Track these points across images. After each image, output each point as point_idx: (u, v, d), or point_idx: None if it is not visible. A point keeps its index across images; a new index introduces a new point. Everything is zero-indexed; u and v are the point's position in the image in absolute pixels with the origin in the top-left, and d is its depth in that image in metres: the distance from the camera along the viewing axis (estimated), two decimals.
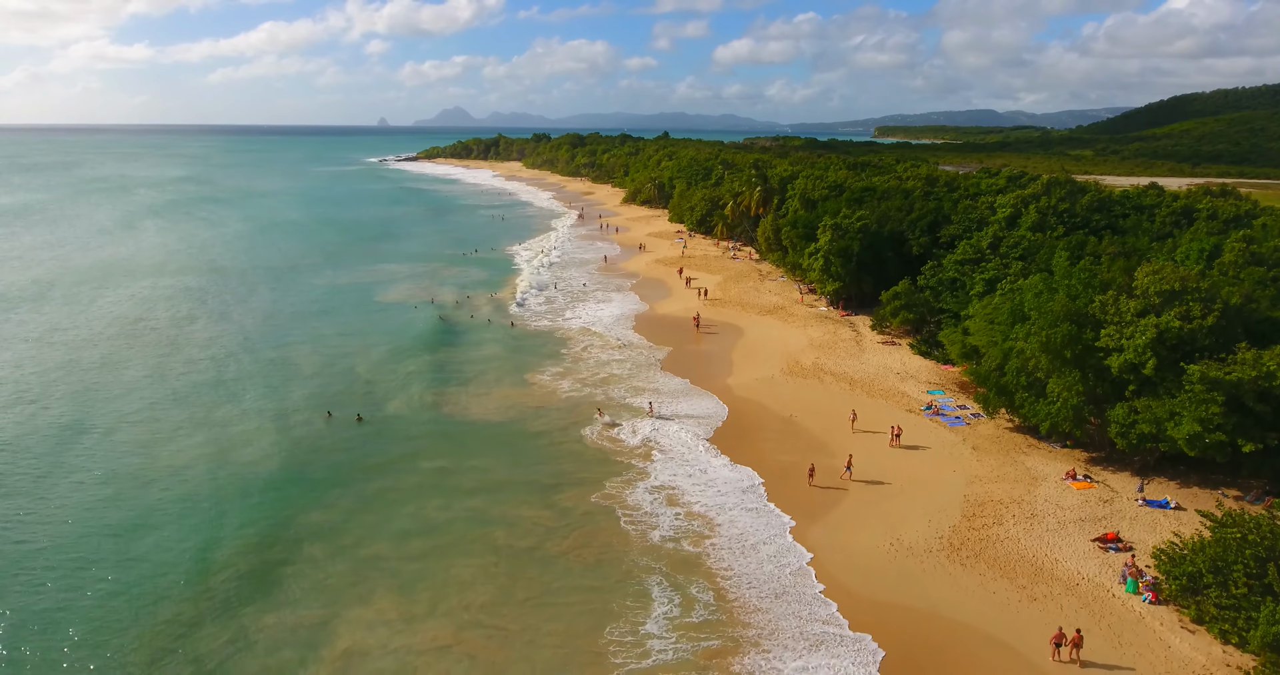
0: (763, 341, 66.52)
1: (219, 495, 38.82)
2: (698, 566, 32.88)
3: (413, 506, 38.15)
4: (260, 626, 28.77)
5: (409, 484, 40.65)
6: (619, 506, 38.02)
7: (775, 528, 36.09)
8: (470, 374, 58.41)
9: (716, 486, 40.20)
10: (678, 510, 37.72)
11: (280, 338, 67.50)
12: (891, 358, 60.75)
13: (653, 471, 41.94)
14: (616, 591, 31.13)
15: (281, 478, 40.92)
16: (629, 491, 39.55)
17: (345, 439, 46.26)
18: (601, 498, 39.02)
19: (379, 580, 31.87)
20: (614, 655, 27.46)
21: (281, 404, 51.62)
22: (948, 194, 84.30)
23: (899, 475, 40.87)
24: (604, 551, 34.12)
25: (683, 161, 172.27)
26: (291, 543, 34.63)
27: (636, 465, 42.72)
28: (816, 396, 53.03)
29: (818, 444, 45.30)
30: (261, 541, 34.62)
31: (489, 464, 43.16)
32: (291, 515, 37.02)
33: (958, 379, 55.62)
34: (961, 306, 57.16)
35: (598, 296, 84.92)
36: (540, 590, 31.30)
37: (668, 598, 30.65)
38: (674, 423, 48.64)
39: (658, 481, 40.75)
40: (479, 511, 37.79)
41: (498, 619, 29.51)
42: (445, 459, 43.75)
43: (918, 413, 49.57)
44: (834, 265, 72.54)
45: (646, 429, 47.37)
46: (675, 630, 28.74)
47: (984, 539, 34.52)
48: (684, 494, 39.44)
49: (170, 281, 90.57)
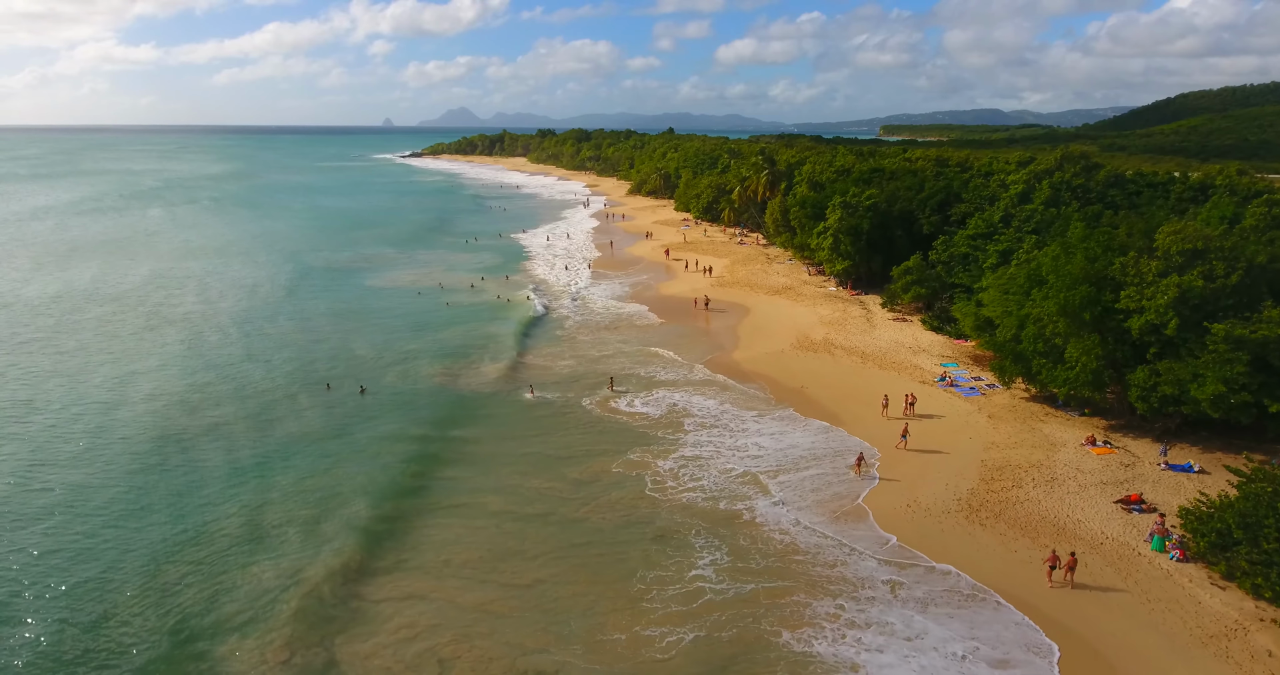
0: (771, 319, 65.57)
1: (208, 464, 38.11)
2: (734, 521, 32.16)
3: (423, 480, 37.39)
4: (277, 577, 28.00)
5: (412, 453, 39.90)
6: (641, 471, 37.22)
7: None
8: (474, 352, 57.53)
9: (730, 455, 39.32)
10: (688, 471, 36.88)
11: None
12: (903, 333, 59.74)
13: (663, 442, 41.06)
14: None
15: (279, 449, 40.16)
16: (640, 459, 38.71)
17: (351, 408, 45.51)
18: (623, 467, 38.22)
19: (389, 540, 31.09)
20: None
21: (301, 376, 50.92)
22: (958, 174, 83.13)
23: (913, 442, 39.85)
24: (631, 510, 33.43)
25: (688, 152, 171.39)
26: (285, 504, 33.85)
27: (654, 435, 41.85)
28: (827, 369, 52.07)
29: (829, 414, 44.34)
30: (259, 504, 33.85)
31: (494, 434, 42.38)
32: (286, 483, 36.25)
33: (971, 352, 54.58)
34: (975, 280, 56.12)
35: (603, 278, 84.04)
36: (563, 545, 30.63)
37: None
38: (670, 393, 47.78)
39: (680, 452, 39.86)
40: (495, 482, 37.00)
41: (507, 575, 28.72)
42: (451, 428, 42.99)
43: (931, 384, 48.56)
44: (843, 244, 71.52)
45: (639, 402, 46.51)
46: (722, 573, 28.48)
47: (1003, 501, 33.52)
48: (692, 462, 38.56)
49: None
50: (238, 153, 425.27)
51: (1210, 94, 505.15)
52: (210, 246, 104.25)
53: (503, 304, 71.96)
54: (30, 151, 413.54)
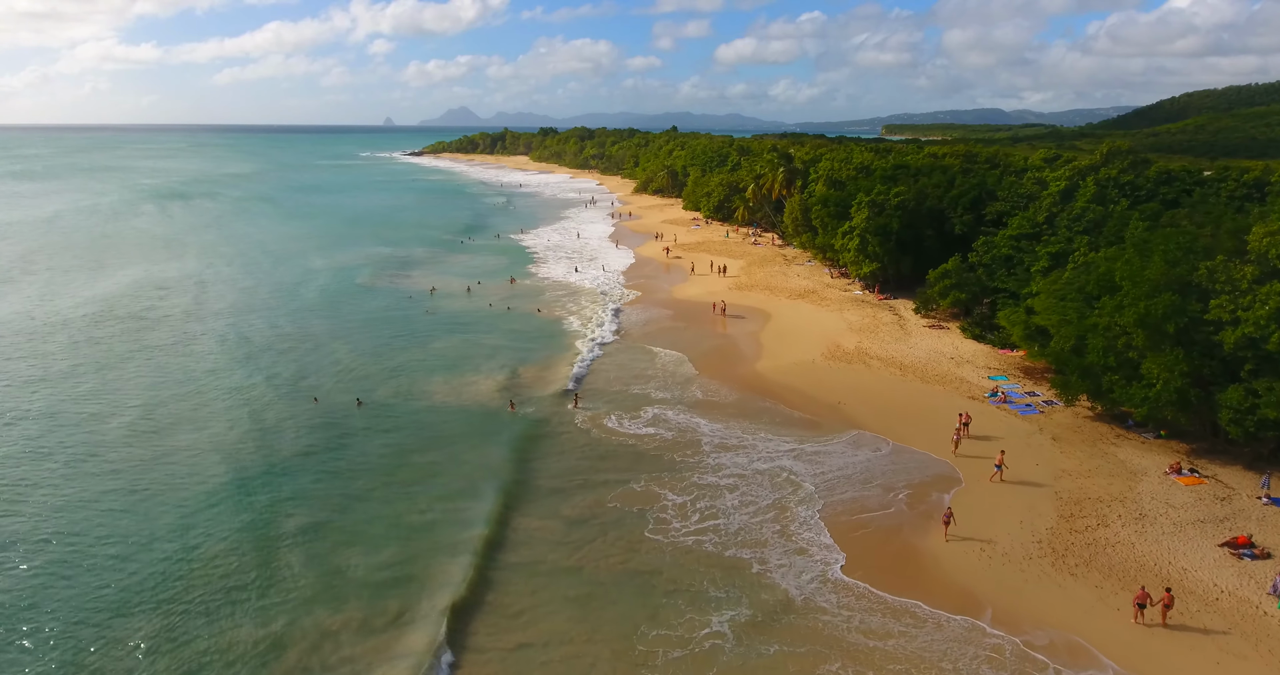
0: (795, 326, 61.05)
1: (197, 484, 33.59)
2: (757, 568, 27.53)
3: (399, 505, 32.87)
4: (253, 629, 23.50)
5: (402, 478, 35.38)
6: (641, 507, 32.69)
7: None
8: (475, 362, 52.99)
9: (763, 485, 34.80)
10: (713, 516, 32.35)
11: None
12: (941, 342, 55.24)
13: (675, 468, 36.55)
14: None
15: (263, 468, 35.68)
16: (658, 490, 34.21)
17: (346, 423, 40.99)
18: (620, 501, 33.68)
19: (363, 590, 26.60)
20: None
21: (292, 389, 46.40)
22: (989, 170, 78.64)
23: (975, 469, 35.41)
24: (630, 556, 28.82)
25: (696, 150, 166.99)
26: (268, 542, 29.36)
27: (665, 460, 37.35)
28: (864, 382, 47.59)
29: (872, 434, 39.87)
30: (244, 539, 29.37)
31: (483, 458, 37.88)
32: (269, 512, 31.77)
33: (1021, 363, 50.11)
34: (1021, 285, 51.62)
35: (612, 281, 79.55)
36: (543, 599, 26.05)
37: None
38: (683, 410, 43.29)
39: (695, 480, 35.34)
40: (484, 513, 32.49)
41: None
42: (441, 451, 38.47)
43: (981, 400, 44.08)
44: (870, 245, 67.01)
45: (644, 419, 42.05)
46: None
47: (1090, 543, 29.03)
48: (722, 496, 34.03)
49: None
50: (246, 152, 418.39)
51: (1215, 93, 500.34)
52: (214, 248, 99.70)
53: (492, 308, 67.25)
54: (41, 151, 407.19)
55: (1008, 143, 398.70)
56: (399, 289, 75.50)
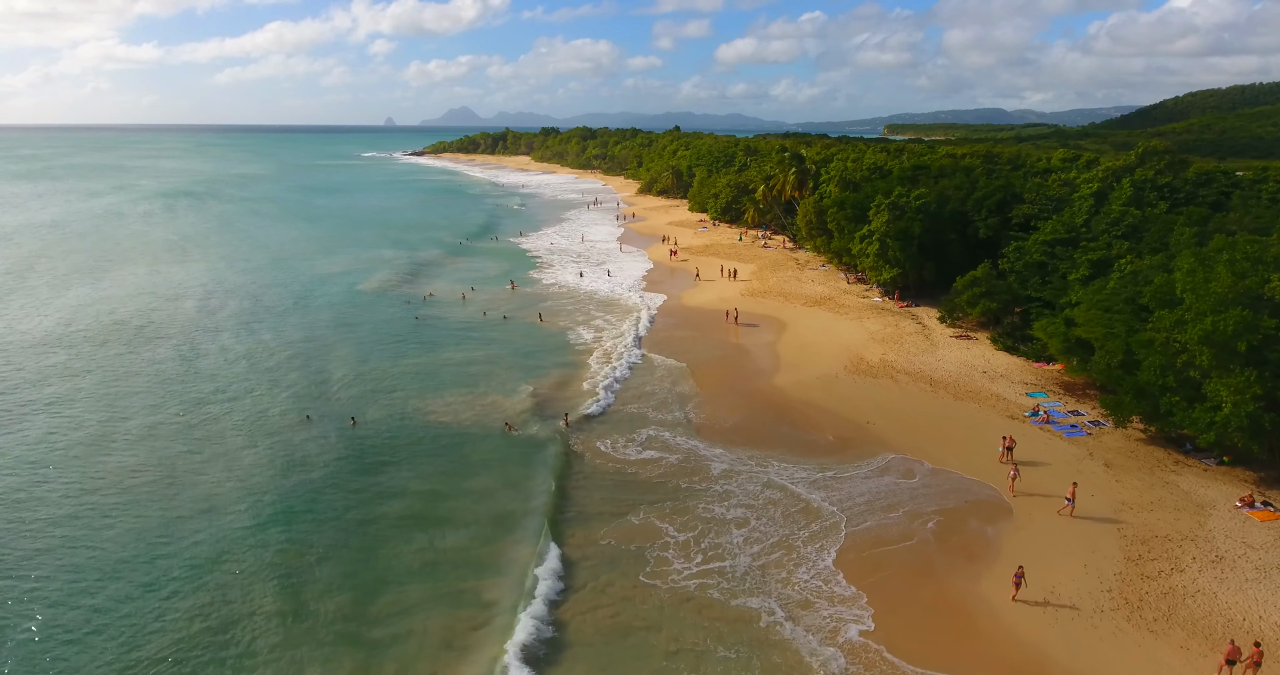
0: (813, 336, 57.81)
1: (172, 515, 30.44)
2: (755, 626, 24.32)
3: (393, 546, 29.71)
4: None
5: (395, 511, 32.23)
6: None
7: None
8: (473, 378, 49.78)
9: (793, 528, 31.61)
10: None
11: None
12: (970, 354, 52.02)
13: (679, 497, 33.36)
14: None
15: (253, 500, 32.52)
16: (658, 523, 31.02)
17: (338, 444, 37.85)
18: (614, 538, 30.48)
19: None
20: None
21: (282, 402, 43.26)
22: (1011, 172, 75.44)
23: (1024, 501, 32.19)
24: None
25: (701, 150, 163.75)
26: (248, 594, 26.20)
27: (668, 487, 34.16)
28: (892, 398, 44.36)
29: (905, 458, 36.66)
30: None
31: (469, 487, 34.72)
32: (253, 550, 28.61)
33: (1059, 378, 46.89)
34: (1058, 294, 48.39)
35: (619, 287, 76.35)
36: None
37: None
38: (691, 436, 40.09)
39: (701, 511, 32.15)
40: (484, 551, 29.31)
41: None
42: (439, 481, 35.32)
43: (1021, 420, 40.85)
44: (891, 249, 63.77)
45: (646, 441, 38.87)
46: None
47: (1167, 592, 25.82)
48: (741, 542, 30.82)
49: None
50: (250, 152, 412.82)
51: (1219, 93, 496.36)
52: (218, 252, 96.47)
53: (486, 316, 63.84)
54: (43, 151, 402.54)
55: (1012, 142, 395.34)
56: (397, 294, 72.25)
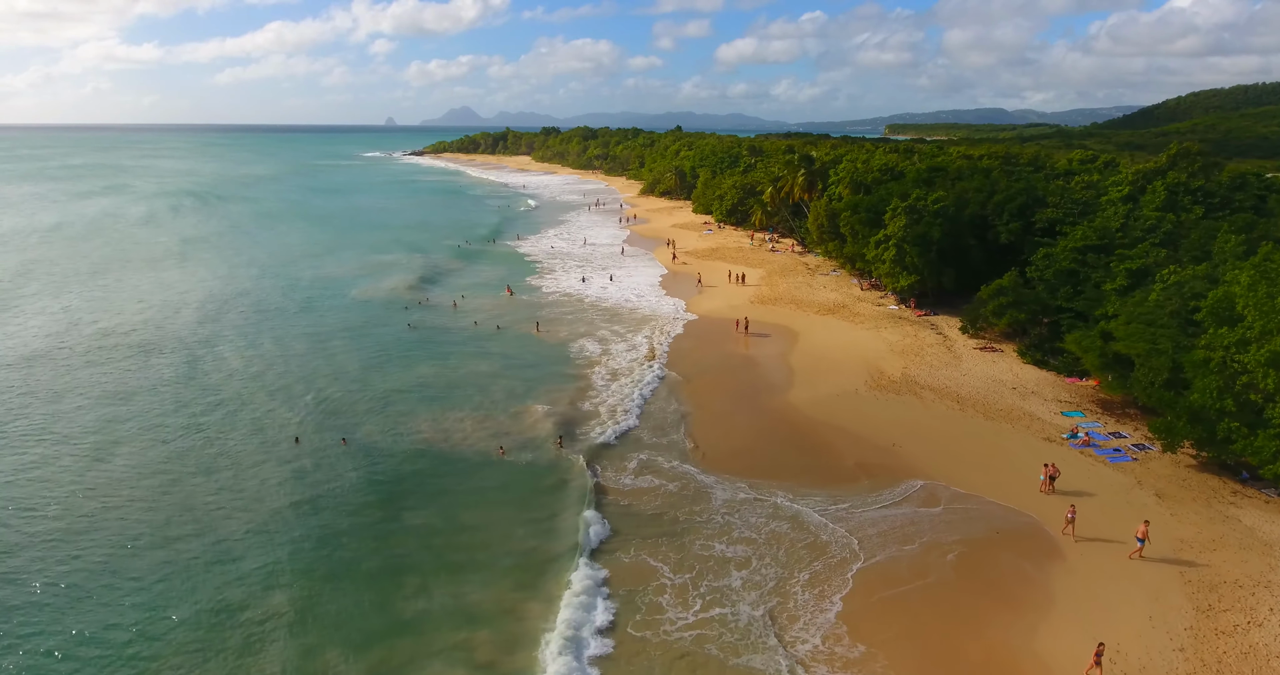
0: (828, 347, 54.94)
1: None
2: None
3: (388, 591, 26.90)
4: None
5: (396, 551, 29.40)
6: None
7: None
8: (466, 393, 46.92)
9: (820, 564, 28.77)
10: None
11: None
12: (996, 367, 49.17)
13: (678, 531, 30.54)
14: None
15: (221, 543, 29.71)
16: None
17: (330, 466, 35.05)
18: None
19: None
20: None
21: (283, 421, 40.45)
22: (1031, 173, 72.61)
23: (1063, 531, 29.36)
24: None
25: (704, 150, 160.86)
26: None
27: (665, 519, 31.34)
28: (917, 418, 41.50)
29: (936, 487, 33.85)
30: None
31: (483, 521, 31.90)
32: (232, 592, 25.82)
33: (1094, 394, 44.04)
34: (1092, 305, 45.53)
35: (623, 293, 73.50)
36: None
37: None
38: (693, 463, 37.27)
39: (701, 548, 29.31)
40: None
41: None
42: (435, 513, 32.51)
43: (1059, 442, 38.00)
44: (909, 255, 60.88)
45: (652, 464, 36.04)
46: None
47: (1247, 652, 22.99)
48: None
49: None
50: (256, 152, 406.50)
51: (1221, 93, 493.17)
52: (220, 258, 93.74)
53: (479, 326, 60.56)
54: (41, 150, 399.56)
55: (1015, 142, 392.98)
56: (391, 301, 69.37)
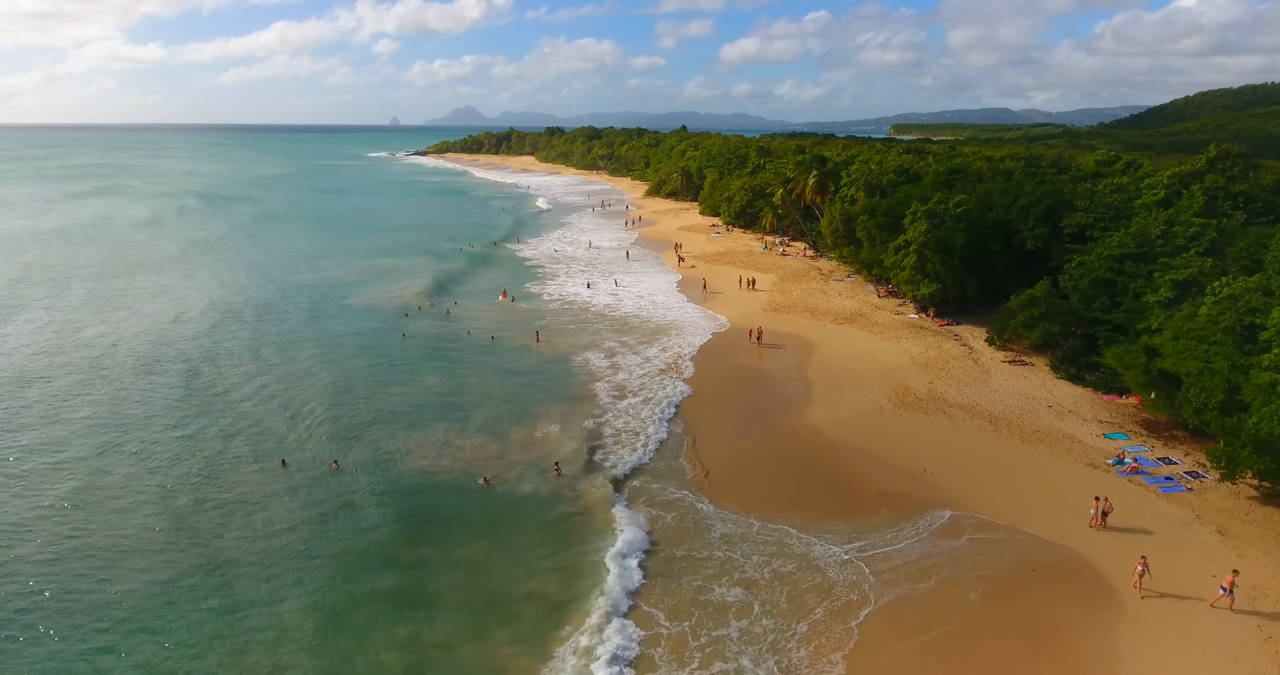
0: (847, 359, 52.09)
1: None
2: None
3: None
4: None
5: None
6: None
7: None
8: (462, 412, 44.20)
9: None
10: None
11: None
12: (1028, 383, 46.29)
13: (678, 571, 27.74)
14: None
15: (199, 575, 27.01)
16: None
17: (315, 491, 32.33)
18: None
19: None
20: None
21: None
22: (1055, 176, 69.76)
23: (1125, 573, 26.51)
24: None
25: (711, 151, 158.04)
26: None
27: (665, 558, 28.55)
28: (948, 439, 38.69)
29: (979, 520, 31.04)
30: None
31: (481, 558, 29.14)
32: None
33: (1136, 415, 41.12)
34: (1133, 318, 42.64)
35: (630, 301, 70.71)
36: None
37: None
38: (700, 493, 34.45)
39: (713, 595, 26.50)
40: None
41: None
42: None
43: (1103, 468, 35.15)
44: (931, 262, 58.02)
45: (653, 495, 33.24)
46: None
47: None
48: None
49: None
50: (264, 152, 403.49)
51: (1230, 92, 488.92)
52: (222, 263, 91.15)
53: (495, 340, 57.37)
54: (46, 150, 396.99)
55: (1021, 142, 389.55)
56: (387, 309, 66.54)
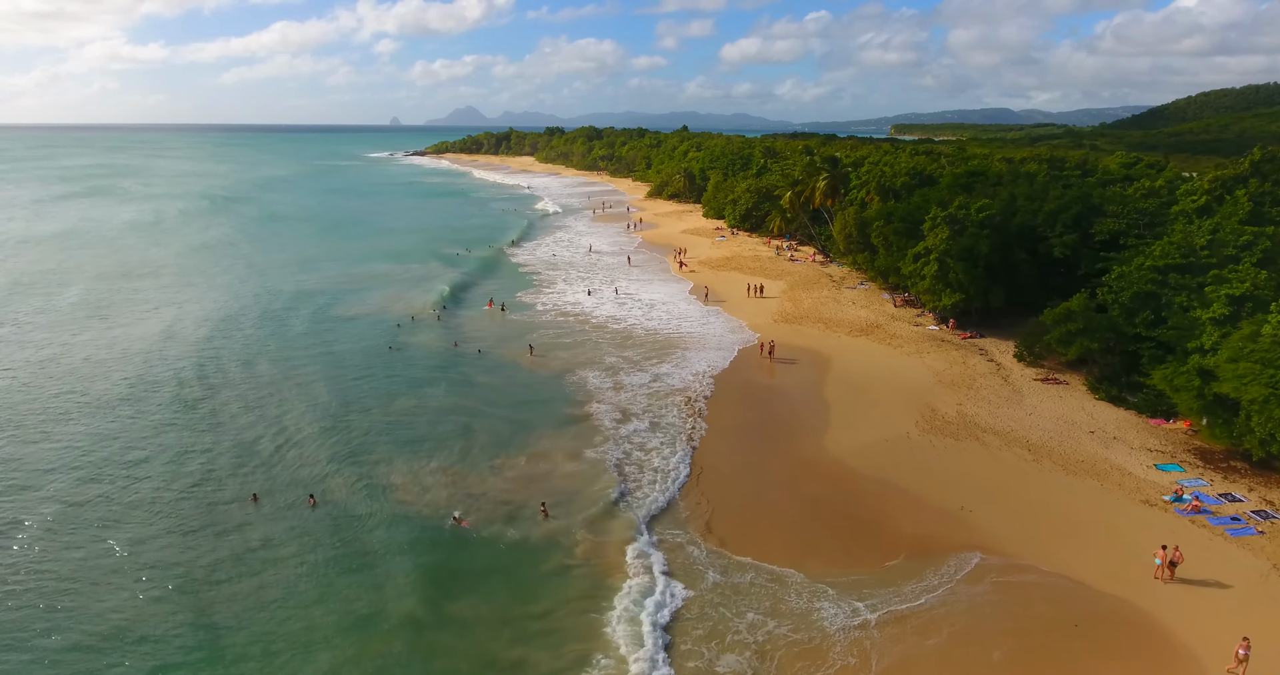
0: (866, 376, 48.62)
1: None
2: None
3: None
4: None
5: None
6: None
7: None
8: (445, 440, 40.74)
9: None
10: None
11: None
12: (1064, 404, 42.82)
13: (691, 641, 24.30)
14: None
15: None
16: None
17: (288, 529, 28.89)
18: None
19: None
20: None
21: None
22: (1080, 178, 66.29)
23: (1217, 647, 23.08)
24: None
25: (715, 151, 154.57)
26: None
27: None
28: (985, 471, 35.24)
29: (1027, 566, 27.62)
30: None
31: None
32: None
33: (1187, 442, 37.66)
34: (1183, 336, 39.14)
35: (632, 310, 67.23)
36: None
37: None
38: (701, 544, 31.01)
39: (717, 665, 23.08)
40: None
41: None
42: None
43: (1160, 506, 31.71)
44: (954, 271, 54.53)
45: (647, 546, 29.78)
46: None
47: None
48: None
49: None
50: (271, 152, 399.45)
51: (1233, 92, 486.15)
52: (221, 271, 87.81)
53: (483, 354, 53.77)
54: (44, 150, 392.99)
55: (1024, 143, 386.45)
56: (375, 319, 62.85)
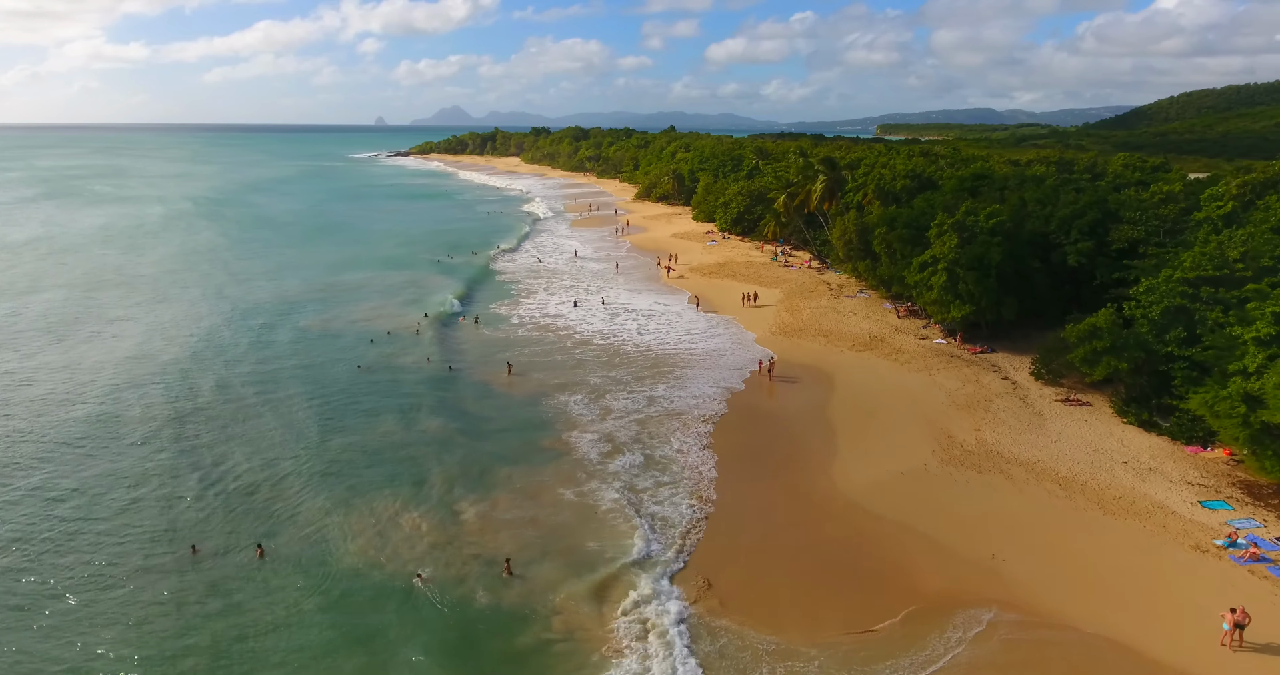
0: (874, 396, 45.13)
1: None
2: None
3: None
4: None
5: None
6: None
7: None
8: (409, 480, 37.03)
9: None
10: None
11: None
12: (1091, 429, 39.44)
13: None
14: None
15: None
16: None
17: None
18: None
19: None
20: None
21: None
22: (1090, 183, 63.22)
23: None
24: None
25: (704, 152, 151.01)
26: None
27: None
28: (1012, 508, 31.80)
29: (1075, 631, 24.19)
30: None
31: None
32: None
33: (1230, 473, 34.34)
34: (1223, 356, 35.83)
35: (622, 324, 63.57)
36: None
37: None
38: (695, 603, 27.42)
39: None
40: None
41: None
42: None
43: (1213, 552, 28.32)
44: (964, 282, 51.17)
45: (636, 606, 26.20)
46: None
47: None
48: None
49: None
50: (264, 151, 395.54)
51: (1213, 93, 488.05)
52: (204, 282, 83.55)
53: (453, 371, 50.33)
54: (40, 151, 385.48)
55: (1010, 143, 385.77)
56: (344, 333, 58.83)
